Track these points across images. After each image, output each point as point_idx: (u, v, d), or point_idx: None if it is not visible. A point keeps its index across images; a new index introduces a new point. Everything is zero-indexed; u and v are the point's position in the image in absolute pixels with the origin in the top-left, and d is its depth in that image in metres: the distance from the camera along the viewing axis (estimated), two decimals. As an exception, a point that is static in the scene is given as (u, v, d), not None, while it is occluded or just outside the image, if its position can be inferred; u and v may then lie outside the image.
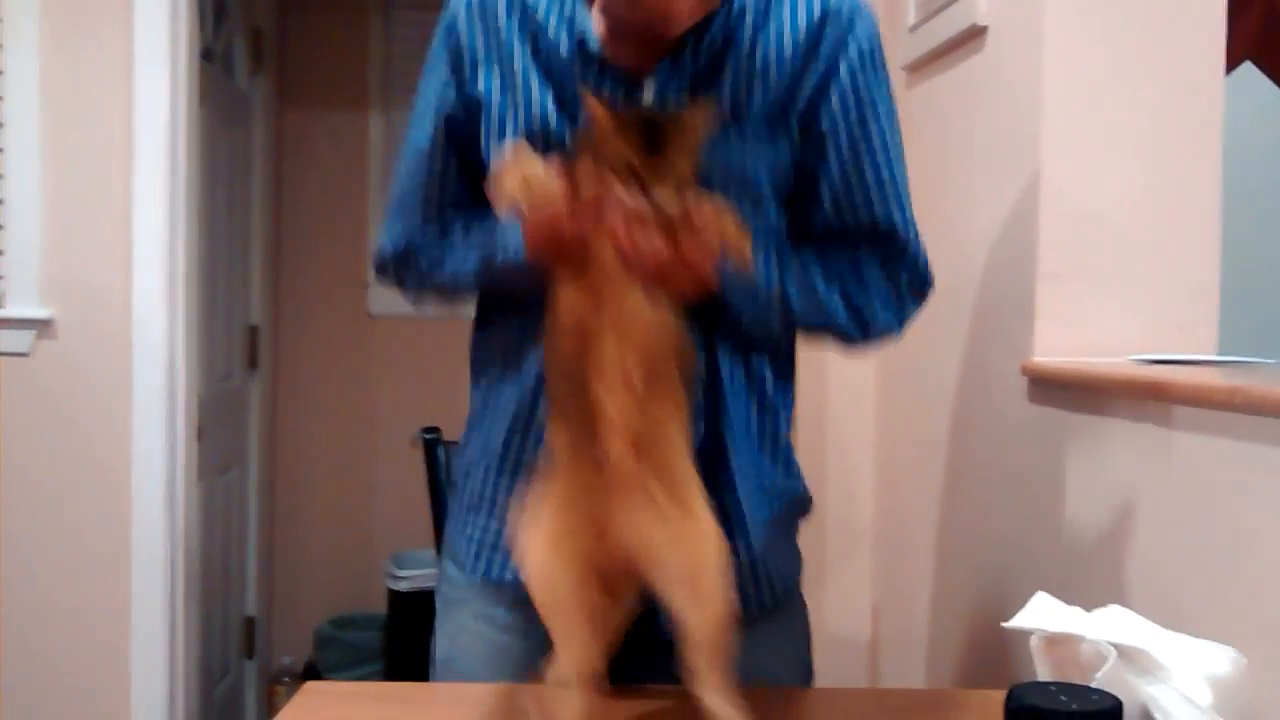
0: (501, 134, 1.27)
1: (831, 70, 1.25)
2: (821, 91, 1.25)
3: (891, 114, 1.31)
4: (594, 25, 1.24)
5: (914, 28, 2.15)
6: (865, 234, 1.29)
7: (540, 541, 1.11)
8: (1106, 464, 1.45)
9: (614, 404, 1.07)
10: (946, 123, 2.03)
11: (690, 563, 1.08)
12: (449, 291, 1.37)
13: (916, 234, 1.32)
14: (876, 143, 1.29)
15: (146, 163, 2.56)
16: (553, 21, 1.25)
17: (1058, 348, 1.59)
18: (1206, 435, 1.23)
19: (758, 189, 1.26)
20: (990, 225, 1.78)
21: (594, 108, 1.08)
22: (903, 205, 1.31)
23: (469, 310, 1.42)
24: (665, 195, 1.07)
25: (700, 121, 1.09)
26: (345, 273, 3.90)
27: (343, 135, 3.87)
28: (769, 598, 1.34)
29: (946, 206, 1.98)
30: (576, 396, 1.09)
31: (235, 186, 3.44)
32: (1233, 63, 2.02)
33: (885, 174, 1.29)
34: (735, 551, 1.24)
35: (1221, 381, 1.21)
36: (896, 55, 2.28)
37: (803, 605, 1.43)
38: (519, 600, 1.20)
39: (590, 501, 1.09)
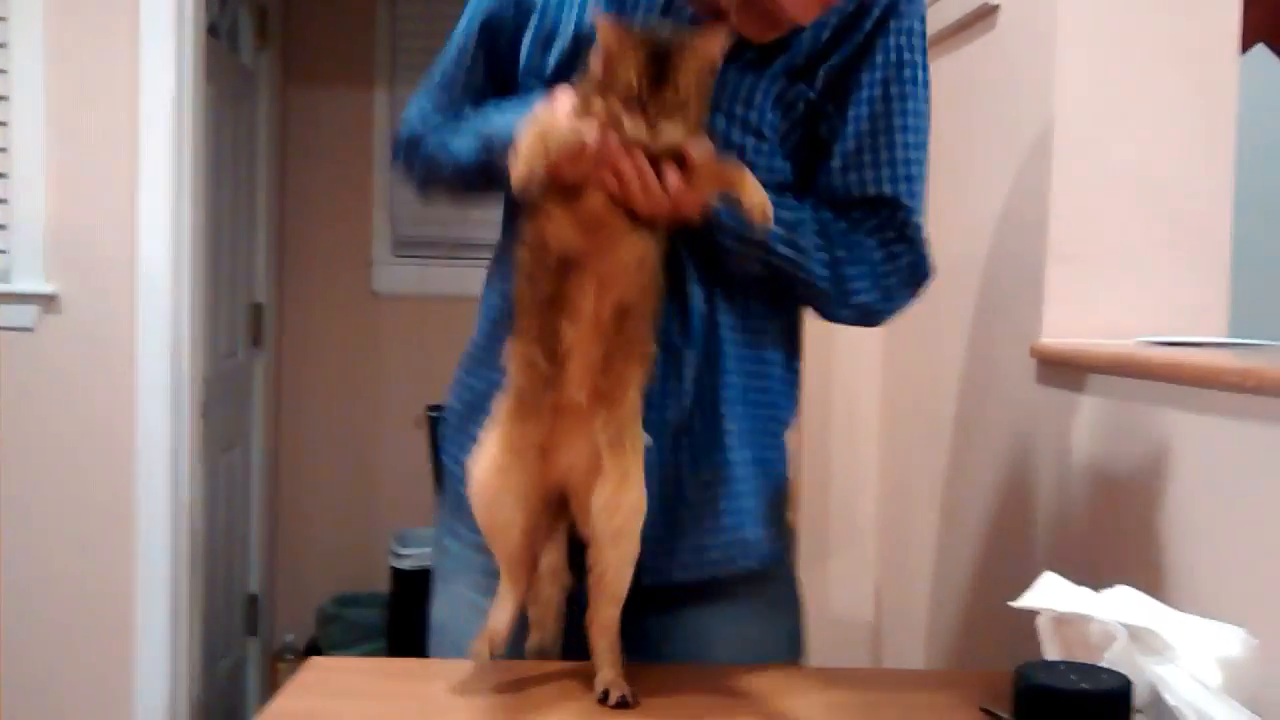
0: (547, 42, 1.26)
1: (879, 32, 1.25)
2: (864, 50, 1.24)
3: (925, 103, 1.29)
4: None
5: (927, 5, 2.13)
6: (870, 205, 1.27)
7: (487, 465, 1.15)
8: (1115, 445, 1.44)
9: (581, 349, 1.09)
10: (958, 102, 2.02)
11: (613, 526, 1.12)
12: (450, 178, 1.34)
13: (923, 223, 1.30)
14: (906, 120, 1.28)
15: (152, 139, 2.55)
16: None
17: (1067, 329, 1.58)
18: (1217, 416, 1.22)
19: (761, 122, 1.24)
20: (1000, 206, 1.77)
21: (602, 30, 1.06)
22: (914, 188, 1.28)
23: (474, 287, 1.41)
24: (668, 127, 1.05)
25: (711, 48, 1.07)
26: (350, 250, 3.89)
27: (348, 112, 3.86)
28: (754, 564, 1.33)
29: (956, 186, 1.97)
30: (543, 323, 1.10)
31: (240, 163, 3.43)
32: (1246, 44, 2.00)
33: (905, 153, 1.27)
34: (721, 515, 1.28)
35: (1233, 363, 1.21)
36: (906, 35, 2.27)
37: (793, 579, 1.43)
38: None
39: (538, 423, 1.12)
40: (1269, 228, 2.85)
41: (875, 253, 1.27)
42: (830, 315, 1.32)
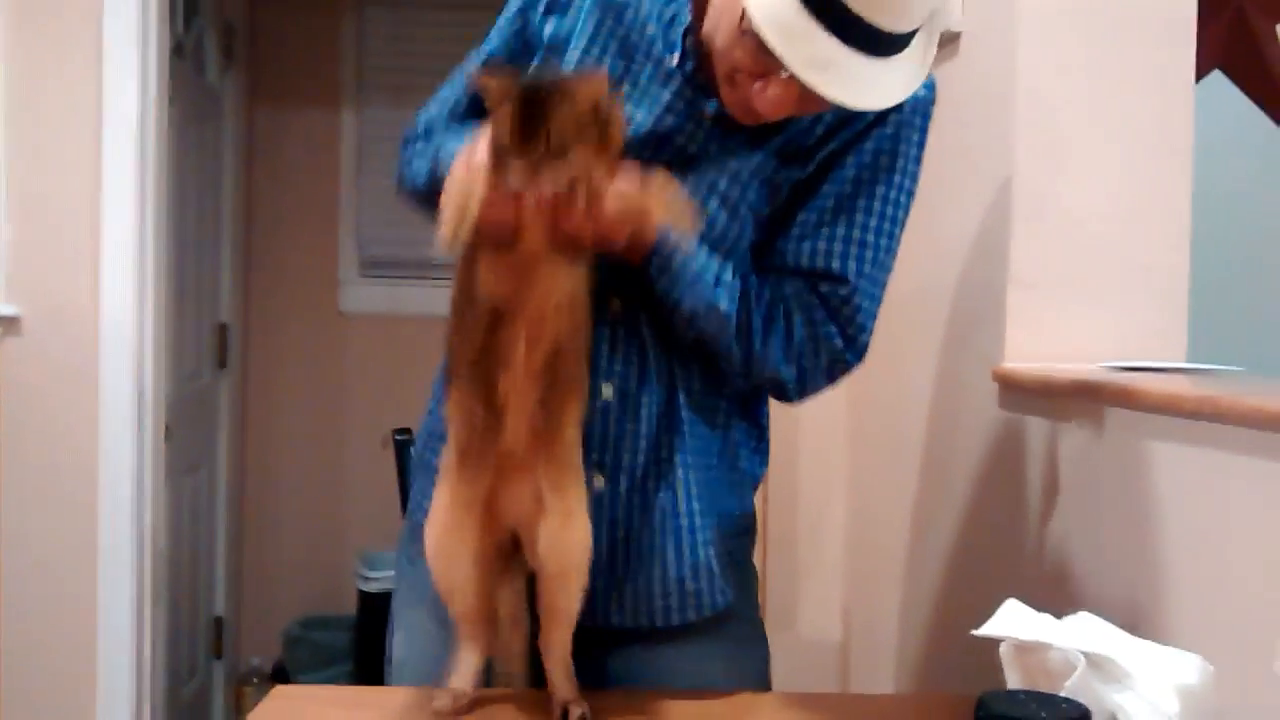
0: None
1: (878, 122, 1.25)
2: (860, 137, 1.25)
3: (904, 195, 1.28)
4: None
5: (888, 32, 2.15)
6: (812, 277, 1.25)
7: (438, 527, 1.16)
8: (1077, 470, 1.46)
9: (517, 396, 1.10)
10: (920, 128, 2.04)
11: (560, 565, 1.14)
12: (409, 194, 1.36)
13: (869, 308, 1.26)
14: (873, 203, 1.26)
15: (116, 158, 2.53)
16: (650, 20, 1.24)
17: (1029, 354, 1.60)
18: (1176, 443, 1.23)
19: (740, 200, 1.24)
20: (962, 231, 1.79)
21: (481, 81, 1.09)
22: (864, 270, 1.25)
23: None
24: (553, 169, 1.05)
25: (589, 90, 1.07)
26: (317, 270, 3.87)
27: (315, 133, 3.85)
28: (707, 608, 1.31)
29: (920, 210, 1.99)
30: (478, 373, 1.11)
31: (206, 183, 3.41)
32: (1201, 71, 2.04)
33: (863, 234, 1.25)
34: (668, 565, 1.28)
35: (1192, 390, 1.22)
36: (870, 60, 2.28)
37: (757, 619, 1.43)
38: None
39: (483, 474, 1.13)
40: (1226, 252, 2.90)
41: (799, 330, 1.25)
42: (740, 380, 1.29)
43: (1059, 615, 1.13)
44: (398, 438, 2.22)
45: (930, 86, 1.28)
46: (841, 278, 1.24)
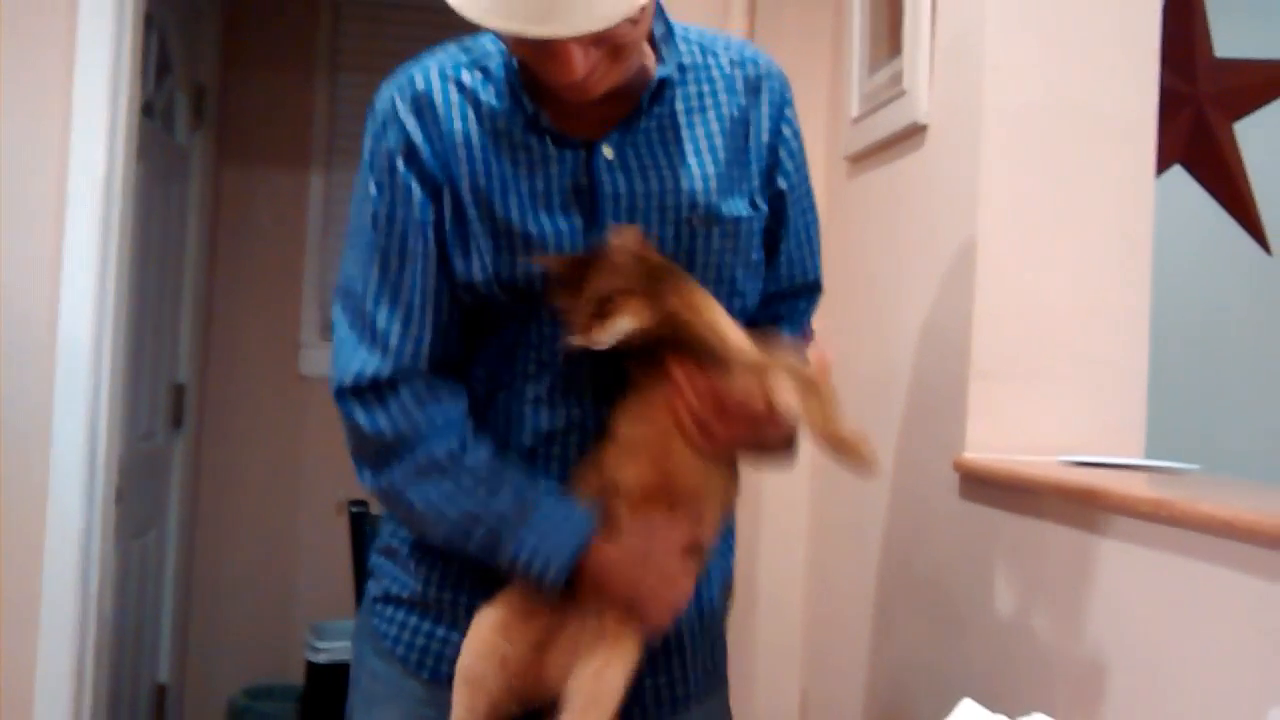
0: (467, 237, 1.22)
1: (777, 131, 1.31)
2: (774, 152, 1.31)
3: (808, 174, 1.39)
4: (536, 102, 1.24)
5: (857, 120, 2.18)
6: (802, 289, 1.37)
7: (490, 622, 1.18)
8: (1035, 565, 1.45)
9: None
10: (885, 215, 2.06)
11: (591, 693, 1.14)
12: (422, 520, 1.25)
13: None
14: (809, 200, 1.37)
15: (79, 216, 2.50)
16: (498, 105, 1.24)
17: (989, 444, 1.60)
18: (1134, 544, 1.23)
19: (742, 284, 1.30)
20: (924, 320, 1.80)
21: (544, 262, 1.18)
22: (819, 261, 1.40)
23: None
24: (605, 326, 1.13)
25: (621, 244, 1.15)
26: (278, 332, 3.84)
27: (282, 195, 3.84)
28: (712, 674, 1.37)
29: (881, 298, 2.00)
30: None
31: (169, 242, 3.38)
32: (1162, 166, 2.07)
33: (815, 229, 1.39)
34: (697, 632, 1.33)
35: (1149, 493, 1.22)
36: (838, 145, 2.32)
37: (727, 686, 1.45)
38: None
39: (541, 616, 1.18)
40: (1185, 348, 2.93)
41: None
42: None
43: (1012, 716, 1.12)
44: (353, 508, 2.19)
45: (775, 65, 1.35)
46: (817, 272, 1.38)
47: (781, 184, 1.31)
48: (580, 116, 1.22)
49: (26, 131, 2.50)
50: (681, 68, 1.27)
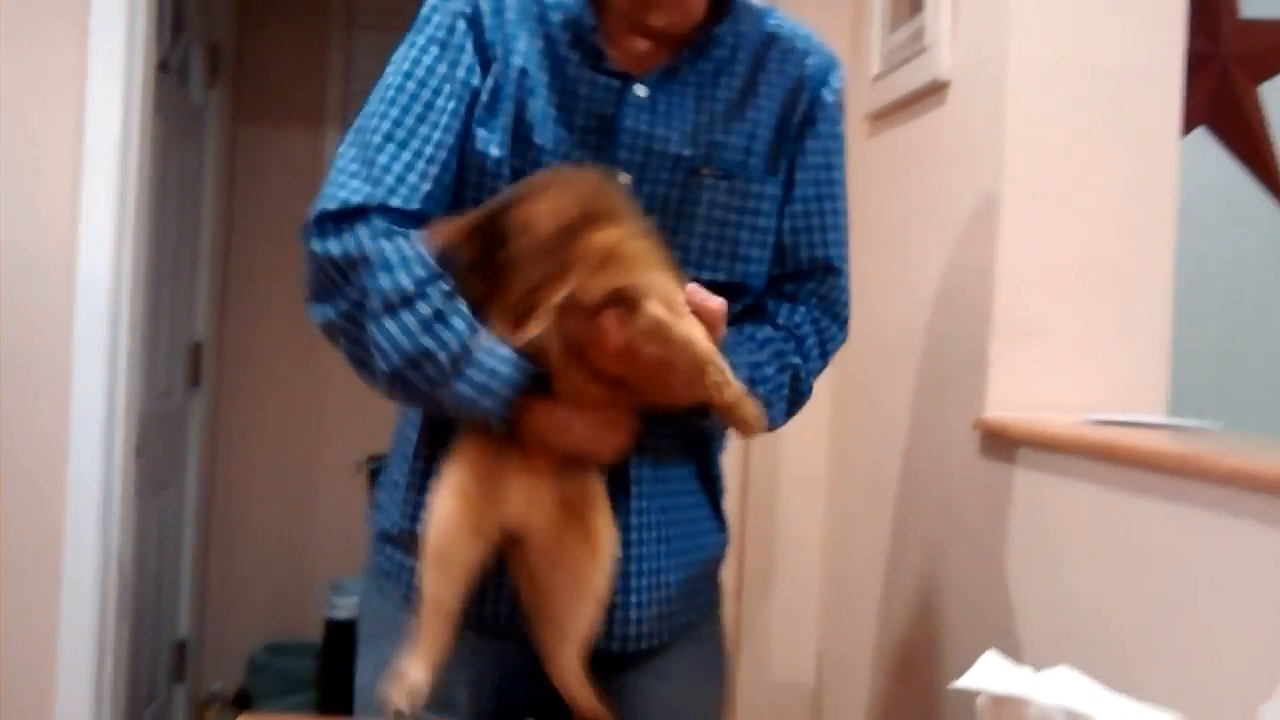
0: (496, 115, 1.25)
1: (811, 114, 1.32)
2: (804, 130, 1.32)
3: (844, 164, 1.38)
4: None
5: (877, 78, 2.17)
6: (811, 270, 1.34)
7: (453, 492, 1.17)
8: (1057, 522, 1.45)
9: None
10: (906, 174, 2.05)
11: (575, 579, 1.17)
12: (363, 347, 1.24)
13: (849, 292, 1.38)
14: (839, 188, 1.35)
15: (96, 173, 2.51)
16: (566, 7, 1.27)
17: (1010, 404, 1.60)
18: (1157, 500, 1.23)
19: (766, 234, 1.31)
20: (946, 278, 1.79)
21: (435, 233, 1.11)
22: (845, 250, 1.37)
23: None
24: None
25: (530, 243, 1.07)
26: (295, 291, 3.80)
27: (297, 152, 3.83)
28: (681, 627, 1.36)
29: (903, 257, 1.99)
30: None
31: (185, 200, 3.38)
32: (1186, 129, 2.05)
33: (842, 219, 1.36)
34: (660, 600, 1.31)
35: (1174, 447, 1.22)
36: (859, 104, 2.30)
37: (719, 632, 1.45)
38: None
39: (498, 471, 1.16)
40: (1207, 308, 2.92)
41: (813, 348, 1.34)
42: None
43: (1037, 669, 1.12)
44: (371, 465, 2.20)
45: (833, 54, 1.37)
46: (837, 260, 1.35)
47: (800, 166, 1.33)
48: (629, 50, 1.26)
49: (43, 88, 2.50)
50: (737, 33, 1.30)
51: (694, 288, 1.13)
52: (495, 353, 1.15)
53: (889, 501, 2.01)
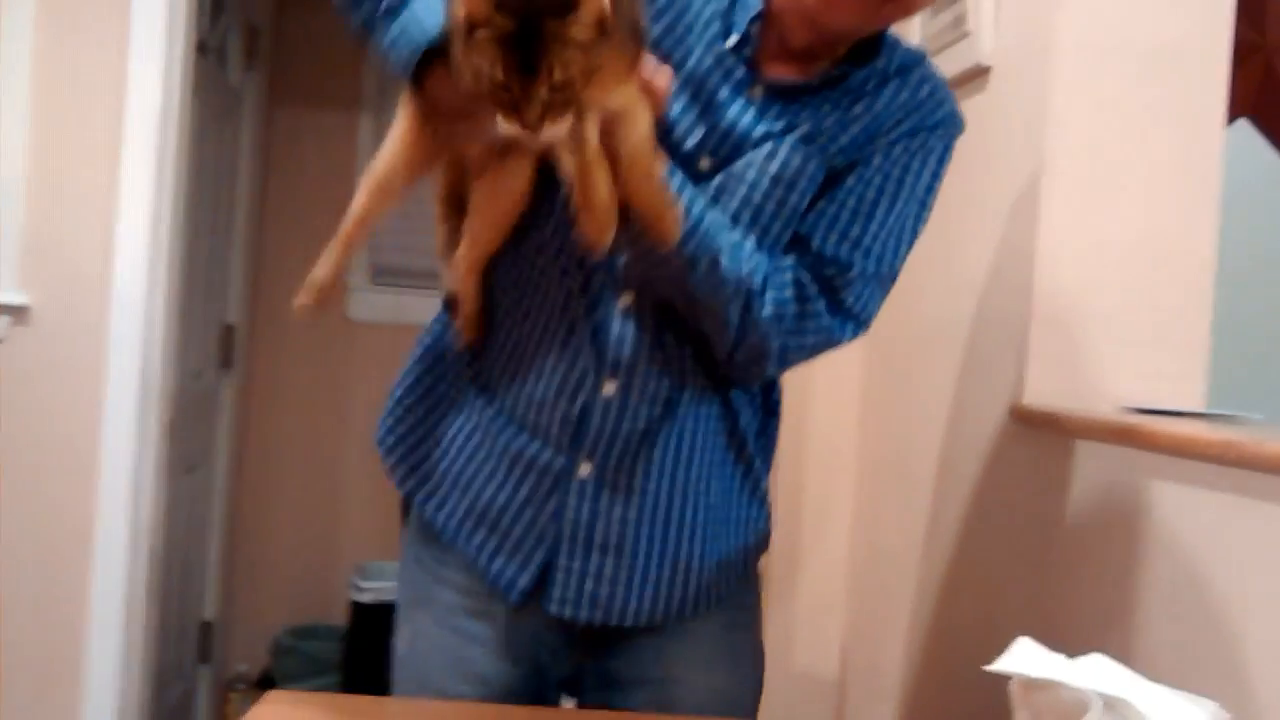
0: None
1: (911, 135, 1.26)
2: (890, 139, 1.25)
3: (926, 208, 1.30)
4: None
5: (916, 64, 2.15)
6: (827, 263, 1.23)
7: (395, 136, 1.19)
8: (1093, 510, 1.43)
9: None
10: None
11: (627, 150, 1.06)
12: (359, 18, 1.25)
13: (877, 302, 1.26)
14: (894, 218, 1.26)
15: (135, 154, 2.53)
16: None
17: (1048, 391, 1.58)
18: (1197, 487, 1.22)
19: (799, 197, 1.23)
20: (985, 265, 1.78)
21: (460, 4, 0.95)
22: (866, 266, 1.24)
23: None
24: (551, 123, 0.95)
25: (582, 28, 0.92)
26: (327, 276, 3.85)
27: (333, 136, 3.84)
28: (713, 602, 1.33)
29: (942, 242, 1.97)
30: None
31: (221, 182, 3.40)
32: (1229, 119, 2.03)
33: (879, 245, 1.25)
34: (685, 574, 1.29)
35: (1214, 435, 1.20)
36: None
37: (749, 620, 1.41)
38: (479, 593, 1.29)
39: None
40: (1248, 300, 2.88)
41: (790, 305, 1.22)
42: (724, 350, 1.24)
43: (1071, 656, 1.11)
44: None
45: (959, 117, 1.29)
46: (848, 266, 1.23)
47: (873, 158, 1.25)
48: (775, 53, 1.22)
49: (84, 68, 2.52)
50: (877, 71, 1.25)
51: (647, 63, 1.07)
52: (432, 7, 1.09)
53: (921, 488, 1.99)
